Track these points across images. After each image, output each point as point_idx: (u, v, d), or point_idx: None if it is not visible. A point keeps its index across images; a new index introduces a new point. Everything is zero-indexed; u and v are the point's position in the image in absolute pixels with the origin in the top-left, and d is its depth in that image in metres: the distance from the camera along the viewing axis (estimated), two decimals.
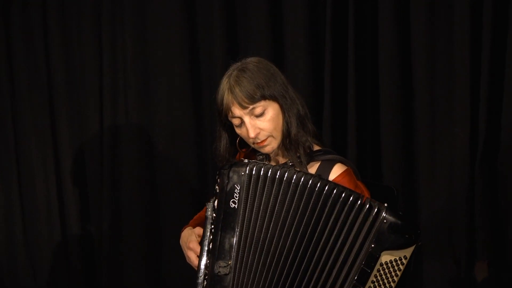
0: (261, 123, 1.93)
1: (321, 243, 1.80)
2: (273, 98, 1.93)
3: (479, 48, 2.60)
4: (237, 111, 1.92)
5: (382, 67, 2.76)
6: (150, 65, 3.10)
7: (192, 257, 1.98)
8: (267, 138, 1.96)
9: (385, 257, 1.76)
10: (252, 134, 1.92)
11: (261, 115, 1.93)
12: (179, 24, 3.03)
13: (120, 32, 3.09)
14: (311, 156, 1.99)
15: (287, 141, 1.96)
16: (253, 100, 1.90)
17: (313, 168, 2.01)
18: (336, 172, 1.97)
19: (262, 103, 1.91)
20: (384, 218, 1.75)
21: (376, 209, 1.76)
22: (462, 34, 2.63)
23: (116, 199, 3.17)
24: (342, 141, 2.86)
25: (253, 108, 1.91)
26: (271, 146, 1.97)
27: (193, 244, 1.98)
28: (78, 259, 3.25)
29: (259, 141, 1.95)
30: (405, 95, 2.76)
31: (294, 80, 2.67)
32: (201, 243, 1.89)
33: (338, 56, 2.82)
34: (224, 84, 1.94)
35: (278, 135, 1.96)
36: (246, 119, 1.92)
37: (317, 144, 2.06)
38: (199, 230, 1.97)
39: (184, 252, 2.03)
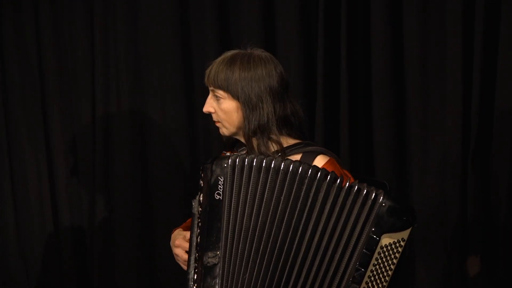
0: (216, 106, 2.02)
1: (320, 228, 1.82)
2: (233, 96, 1.99)
3: (472, 41, 2.61)
4: (205, 81, 2.03)
5: (374, 62, 2.75)
6: (142, 60, 3.08)
7: (179, 253, 2.01)
8: (218, 122, 2.05)
9: (385, 240, 1.80)
10: (204, 108, 2.03)
11: (218, 100, 2.01)
12: (171, 18, 3.02)
13: (112, 25, 3.08)
14: (284, 151, 2.01)
15: (247, 139, 2.01)
16: (214, 84, 1.99)
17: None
18: (319, 163, 1.98)
19: (221, 92, 1.99)
20: (383, 202, 1.79)
21: (374, 194, 1.80)
22: (454, 29, 2.64)
23: (109, 195, 3.17)
24: (334, 136, 2.86)
25: (214, 90, 2.00)
26: (222, 130, 2.06)
27: (179, 240, 2.01)
28: (70, 254, 3.24)
29: (212, 118, 2.05)
30: (397, 90, 2.77)
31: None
32: (190, 240, 1.90)
33: (330, 51, 2.81)
34: (219, 57, 2.03)
35: (230, 128, 2.03)
36: (209, 95, 2.03)
37: (299, 138, 2.08)
38: (189, 234, 1.97)
39: (172, 251, 2.05)
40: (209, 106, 2.04)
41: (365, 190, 1.81)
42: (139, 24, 3.07)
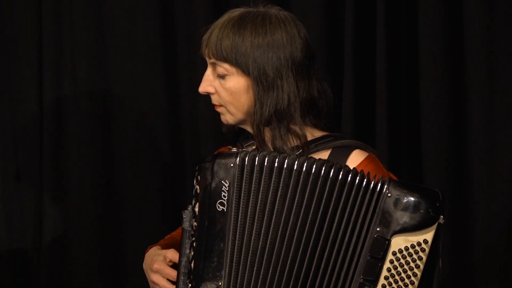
0: (219, 85, 1.86)
1: (330, 240, 1.70)
2: (242, 70, 1.84)
3: None
4: (203, 50, 1.88)
5: (422, 29, 2.53)
6: (106, 20, 2.89)
7: (159, 281, 1.83)
8: (220, 106, 1.90)
9: (398, 243, 1.62)
10: (200, 88, 1.88)
11: (222, 77, 1.86)
12: None
13: None
14: (307, 146, 1.89)
15: (257, 130, 1.87)
16: (216, 55, 1.83)
17: (321, 158, 1.86)
18: (354, 160, 1.83)
19: (226, 66, 1.83)
20: (388, 192, 1.65)
21: (379, 184, 1.66)
22: None
23: (61, 203, 2.94)
24: (368, 130, 2.65)
25: (215, 64, 1.85)
26: (225, 118, 1.91)
27: (158, 264, 1.83)
28: (8, 284, 3.01)
29: (211, 100, 1.92)
30: (454, 70, 2.56)
31: None
32: (178, 265, 1.74)
33: (363, 11, 2.61)
34: (221, 18, 1.86)
35: (238, 114, 1.88)
36: (208, 69, 1.88)
37: (327, 129, 1.93)
38: (172, 253, 1.80)
39: (148, 277, 1.86)
40: (208, 84, 1.84)
41: (373, 183, 1.67)
42: None
